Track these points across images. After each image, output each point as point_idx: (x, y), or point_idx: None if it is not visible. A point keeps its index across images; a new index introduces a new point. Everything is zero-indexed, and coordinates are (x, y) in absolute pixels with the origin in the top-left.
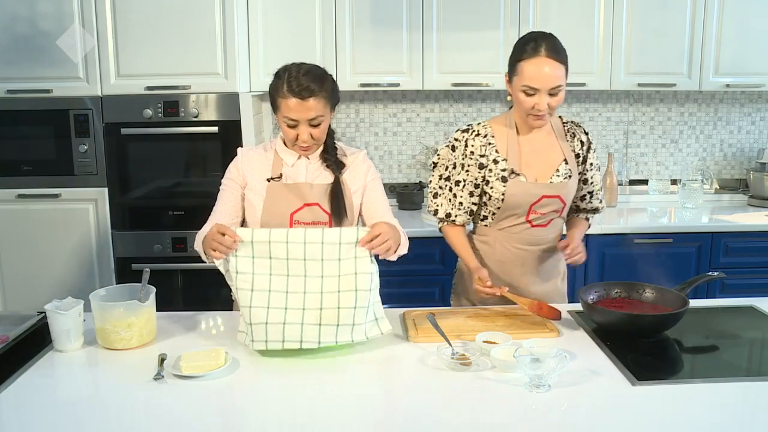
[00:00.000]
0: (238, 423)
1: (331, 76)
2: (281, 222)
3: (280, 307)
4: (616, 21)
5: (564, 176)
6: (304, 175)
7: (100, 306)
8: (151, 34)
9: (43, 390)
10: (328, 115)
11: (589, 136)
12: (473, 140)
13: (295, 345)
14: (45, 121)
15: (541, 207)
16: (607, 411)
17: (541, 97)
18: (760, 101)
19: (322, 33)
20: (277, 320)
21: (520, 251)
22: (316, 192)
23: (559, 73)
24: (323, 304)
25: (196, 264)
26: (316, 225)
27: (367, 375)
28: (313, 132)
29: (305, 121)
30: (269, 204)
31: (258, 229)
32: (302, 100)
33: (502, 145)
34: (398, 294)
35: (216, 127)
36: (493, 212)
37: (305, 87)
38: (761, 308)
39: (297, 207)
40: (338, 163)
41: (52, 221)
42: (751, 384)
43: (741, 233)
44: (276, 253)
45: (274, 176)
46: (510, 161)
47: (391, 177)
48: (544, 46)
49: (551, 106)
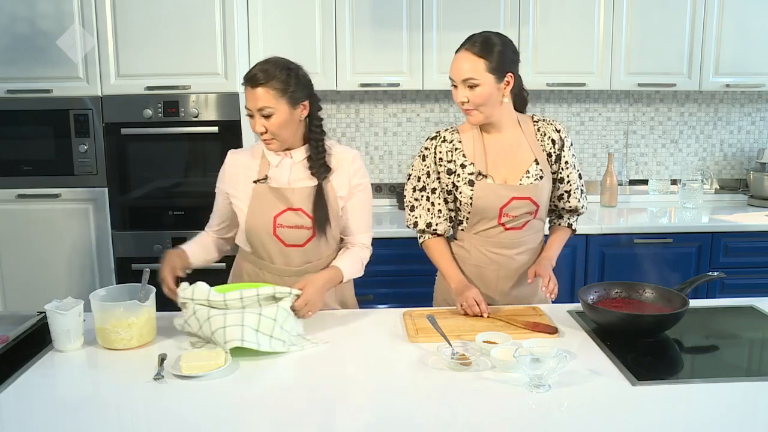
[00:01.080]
0: (238, 423)
1: (296, 71)
2: (264, 223)
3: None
4: (616, 21)
5: (535, 177)
6: (287, 177)
7: (100, 306)
8: (151, 34)
9: (43, 390)
10: (282, 109)
11: (562, 134)
12: (440, 146)
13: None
14: (45, 121)
15: (511, 209)
16: (607, 411)
17: (459, 90)
18: (760, 101)
19: (322, 33)
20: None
21: (496, 255)
22: (299, 196)
23: (473, 67)
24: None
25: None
26: (299, 229)
27: (367, 375)
28: (266, 124)
29: (256, 111)
30: (253, 206)
31: (198, 289)
32: (251, 88)
33: (469, 148)
34: (398, 294)
35: (216, 127)
36: (466, 217)
37: (254, 75)
38: (761, 308)
39: (280, 210)
40: (323, 168)
41: (52, 221)
42: (751, 384)
43: (741, 233)
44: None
45: (260, 178)
46: (477, 164)
47: (391, 177)
48: (469, 41)
49: (472, 101)
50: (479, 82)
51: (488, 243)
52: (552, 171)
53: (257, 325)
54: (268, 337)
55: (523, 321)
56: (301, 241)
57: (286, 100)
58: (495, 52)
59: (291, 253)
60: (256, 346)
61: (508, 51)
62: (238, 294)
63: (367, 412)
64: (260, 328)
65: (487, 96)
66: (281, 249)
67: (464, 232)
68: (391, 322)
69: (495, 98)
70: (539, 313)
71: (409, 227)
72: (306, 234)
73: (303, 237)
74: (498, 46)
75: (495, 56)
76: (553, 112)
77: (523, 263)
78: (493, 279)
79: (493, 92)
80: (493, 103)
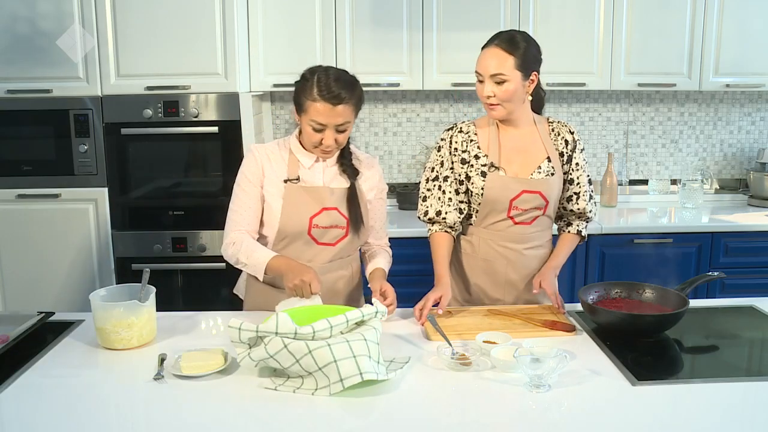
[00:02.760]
0: (238, 423)
1: (359, 82)
2: (300, 224)
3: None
4: (616, 21)
5: (546, 173)
6: (321, 179)
7: (100, 306)
8: (151, 34)
9: (43, 390)
10: (353, 121)
11: (576, 136)
12: (456, 136)
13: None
14: (45, 121)
15: (521, 203)
16: (607, 411)
17: (485, 85)
18: (760, 101)
19: (322, 33)
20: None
21: (505, 249)
22: (336, 196)
23: (501, 62)
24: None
25: (196, 264)
26: (333, 228)
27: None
28: (338, 137)
29: (333, 126)
30: (288, 206)
31: (282, 320)
32: (333, 106)
33: (484, 141)
34: (398, 294)
35: (216, 127)
36: (476, 209)
37: (337, 93)
38: (761, 308)
39: (316, 211)
40: (354, 169)
41: (52, 221)
42: (751, 384)
43: (741, 233)
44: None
45: (291, 178)
46: (490, 156)
47: (391, 177)
48: (498, 38)
49: (498, 96)
50: (507, 78)
51: (497, 237)
52: (563, 171)
53: (368, 352)
54: (379, 363)
55: (541, 320)
56: (333, 241)
57: (357, 112)
58: (522, 49)
59: (320, 251)
60: (375, 375)
61: (533, 49)
62: (326, 323)
63: (367, 412)
64: (372, 354)
65: (513, 92)
66: (311, 248)
67: (473, 227)
68: (390, 322)
69: (520, 95)
70: (555, 312)
71: (420, 218)
72: (339, 233)
73: (336, 236)
74: (524, 43)
75: (522, 53)
76: (553, 112)
77: (531, 258)
78: (502, 273)
79: (519, 89)
80: (517, 100)
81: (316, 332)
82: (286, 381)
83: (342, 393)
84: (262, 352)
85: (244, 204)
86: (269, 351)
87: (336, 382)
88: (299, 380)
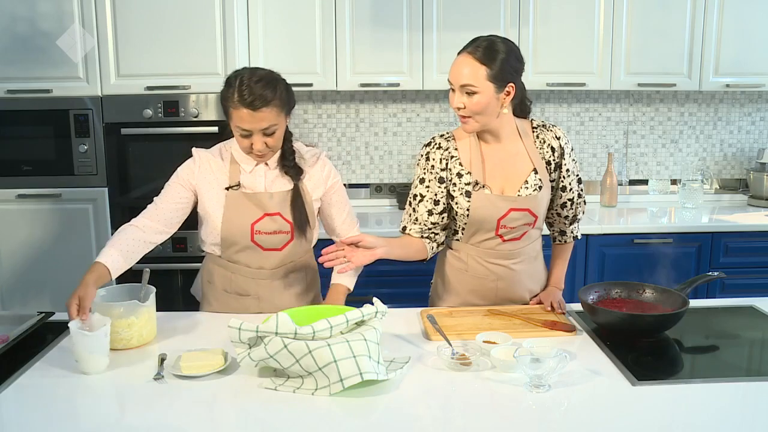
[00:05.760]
0: (238, 423)
1: (284, 81)
2: (241, 232)
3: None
4: (616, 21)
5: (534, 188)
6: (262, 183)
7: (100, 306)
8: (151, 34)
9: (43, 390)
10: (282, 122)
11: (562, 140)
12: (434, 153)
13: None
14: (45, 121)
15: (510, 221)
16: (607, 411)
17: (456, 94)
18: (760, 101)
19: (322, 33)
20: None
21: (495, 266)
22: (277, 200)
23: (472, 73)
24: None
25: (196, 264)
26: (277, 234)
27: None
28: (267, 141)
29: (258, 131)
30: (228, 214)
31: (282, 320)
32: (254, 111)
33: (466, 156)
34: (397, 294)
35: (216, 127)
36: (462, 227)
37: (257, 96)
38: (761, 308)
39: (257, 217)
40: (297, 170)
41: (52, 221)
42: (751, 384)
43: (741, 233)
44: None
45: (232, 185)
46: (474, 173)
47: (391, 177)
48: (473, 44)
49: (468, 108)
50: (478, 90)
51: (486, 254)
52: (551, 179)
53: (368, 352)
54: (379, 363)
55: (541, 320)
56: (279, 246)
57: (285, 112)
58: (498, 60)
59: (268, 256)
60: (375, 375)
61: (512, 59)
62: (326, 323)
63: (368, 412)
64: (372, 354)
65: (485, 105)
66: (258, 254)
67: (460, 243)
68: (390, 322)
69: (492, 108)
70: (556, 312)
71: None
72: (284, 238)
73: (281, 241)
74: (502, 53)
75: (497, 64)
76: (553, 112)
77: (521, 273)
78: (492, 289)
79: (492, 102)
80: (490, 113)
81: (316, 332)
82: (286, 381)
83: (342, 393)
84: (262, 352)
85: (163, 198)
86: (269, 351)
87: (336, 382)
88: (299, 380)
